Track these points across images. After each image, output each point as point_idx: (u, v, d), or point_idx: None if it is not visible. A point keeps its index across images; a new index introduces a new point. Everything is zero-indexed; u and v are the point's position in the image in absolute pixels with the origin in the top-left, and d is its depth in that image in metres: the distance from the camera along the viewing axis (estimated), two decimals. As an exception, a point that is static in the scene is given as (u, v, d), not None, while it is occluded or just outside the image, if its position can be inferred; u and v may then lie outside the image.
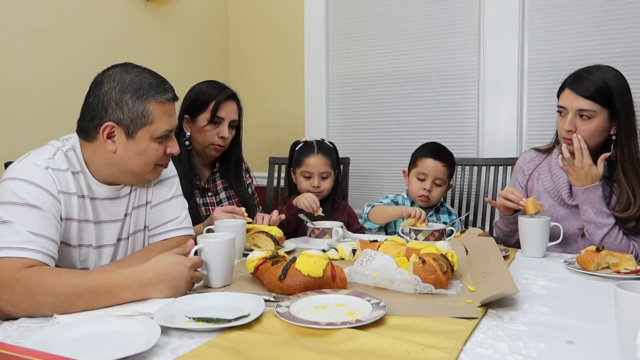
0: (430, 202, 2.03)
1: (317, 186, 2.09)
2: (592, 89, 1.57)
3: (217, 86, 1.93)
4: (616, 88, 1.57)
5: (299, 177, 2.14)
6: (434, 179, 2.01)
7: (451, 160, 2.07)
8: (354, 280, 1.21)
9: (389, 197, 2.10)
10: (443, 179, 2.02)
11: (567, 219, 1.68)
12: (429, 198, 2.01)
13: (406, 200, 2.08)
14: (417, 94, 2.70)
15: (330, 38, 2.92)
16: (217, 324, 0.92)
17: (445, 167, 2.03)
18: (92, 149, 1.24)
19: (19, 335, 0.91)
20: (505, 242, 1.84)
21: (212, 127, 1.88)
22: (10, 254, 1.04)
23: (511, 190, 1.67)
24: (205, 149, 1.91)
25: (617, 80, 1.59)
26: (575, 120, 1.61)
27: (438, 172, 2.01)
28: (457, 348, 0.83)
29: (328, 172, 2.12)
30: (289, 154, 2.23)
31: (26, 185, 1.12)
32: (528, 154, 1.88)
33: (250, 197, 2.09)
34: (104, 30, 2.36)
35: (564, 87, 1.66)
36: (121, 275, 1.06)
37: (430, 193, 2.01)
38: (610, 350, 0.83)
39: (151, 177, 1.33)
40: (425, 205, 2.04)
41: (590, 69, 1.64)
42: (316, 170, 2.10)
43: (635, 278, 1.27)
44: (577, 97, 1.59)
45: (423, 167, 2.02)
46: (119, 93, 1.20)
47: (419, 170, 2.03)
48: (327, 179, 2.12)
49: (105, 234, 1.29)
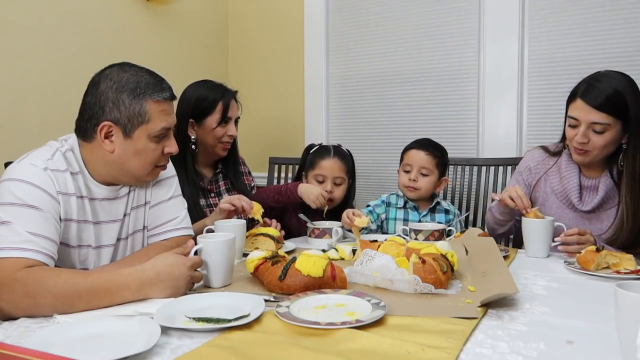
0: (419, 193, 2.00)
1: (329, 191, 1.99)
2: (606, 101, 1.53)
3: (217, 87, 1.93)
4: (630, 97, 1.54)
5: (311, 181, 2.06)
6: (419, 169, 1.99)
7: (438, 151, 2.04)
8: (354, 280, 1.22)
9: (382, 198, 2.09)
10: (429, 167, 1.99)
11: (575, 224, 1.65)
12: (416, 188, 1.99)
13: (400, 198, 2.07)
14: (417, 94, 2.70)
15: (330, 38, 2.92)
16: (217, 324, 0.92)
17: (430, 156, 2.00)
18: (90, 149, 1.24)
19: (19, 335, 0.91)
20: (493, 230, 1.83)
21: (222, 128, 1.91)
22: (10, 254, 1.04)
23: (521, 196, 1.63)
24: (214, 148, 1.93)
25: (630, 88, 1.56)
26: (588, 133, 1.57)
27: (422, 162, 1.99)
28: (457, 348, 0.83)
29: (342, 177, 2.05)
30: (302, 157, 2.18)
31: (25, 186, 1.12)
32: (536, 152, 1.85)
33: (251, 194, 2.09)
34: (104, 30, 2.36)
35: (575, 97, 1.61)
36: (121, 275, 1.06)
37: (416, 183, 1.99)
38: (610, 350, 0.83)
39: (149, 178, 1.33)
40: (415, 196, 2.01)
41: (601, 77, 1.60)
42: (330, 174, 2.03)
43: (635, 278, 1.27)
44: (590, 110, 1.55)
45: (407, 159, 2.03)
46: (115, 92, 1.20)
47: (404, 162, 2.04)
48: (340, 185, 2.05)
49: (105, 234, 1.29)
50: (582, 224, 1.65)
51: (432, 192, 2.06)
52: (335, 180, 2.03)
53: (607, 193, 1.65)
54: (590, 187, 1.68)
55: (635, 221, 1.57)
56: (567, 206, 1.72)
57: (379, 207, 2.05)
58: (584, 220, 1.67)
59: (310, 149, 2.15)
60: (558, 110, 2.03)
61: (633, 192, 1.57)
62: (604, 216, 1.67)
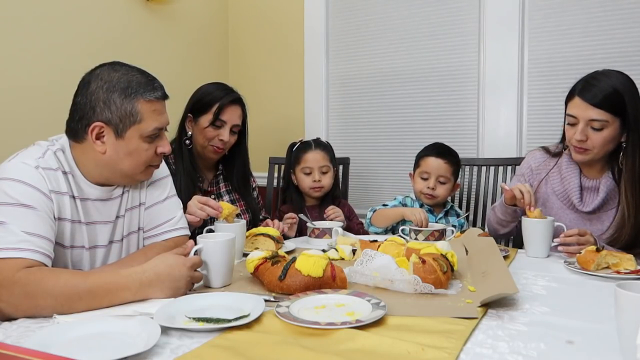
0: (436, 200, 2.02)
1: (318, 180, 2.11)
2: (604, 97, 1.54)
3: (224, 89, 1.91)
4: (628, 95, 1.54)
5: (299, 175, 2.16)
6: (437, 177, 2.01)
7: (455, 158, 2.07)
8: (354, 280, 1.21)
9: (398, 199, 2.09)
10: (446, 176, 2.02)
11: (576, 224, 1.65)
12: (434, 196, 2.01)
13: (415, 202, 2.07)
14: (417, 94, 2.70)
15: (330, 38, 2.92)
16: (217, 324, 0.92)
17: (448, 164, 2.02)
18: (81, 150, 1.23)
19: (19, 335, 0.91)
20: (495, 230, 1.83)
21: (213, 130, 1.87)
22: (7, 254, 1.03)
23: (530, 192, 1.62)
24: (204, 149, 1.90)
25: (628, 86, 1.56)
26: (586, 130, 1.57)
27: (441, 170, 2.01)
28: (457, 348, 0.83)
29: (327, 166, 2.15)
30: (287, 156, 2.26)
31: (17, 185, 1.11)
32: (538, 153, 1.85)
33: (256, 203, 2.08)
34: (103, 30, 2.36)
35: (573, 95, 1.61)
36: (121, 276, 1.06)
37: (434, 191, 2.01)
38: (610, 350, 0.83)
39: (142, 177, 1.31)
40: (432, 203, 2.04)
41: (599, 75, 1.60)
42: (316, 165, 2.13)
43: (635, 278, 1.27)
44: (588, 107, 1.55)
45: (426, 166, 2.03)
46: (106, 92, 1.19)
47: (422, 170, 2.04)
48: (327, 173, 2.15)
49: (98, 235, 1.28)
50: (583, 225, 1.64)
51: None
52: (321, 170, 2.14)
53: (608, 194, 1.64)
54: (591, 187, 1.68)
55: (636, 218, 1.56)
56: (568, 207, 1.71)
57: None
58: (584, 221, 1.67)
59: (292, 147, 2.24)
60: (558, 110, 2.03)
61: (633, 189, 1.57)
62: (604, 217, 1.67)
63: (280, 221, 1.88)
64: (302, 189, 2.16)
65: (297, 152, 2.19)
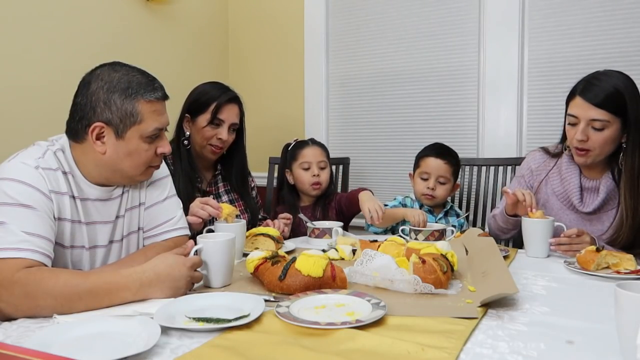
0: (436, 200, 2.03)
1: (317, 174, 2.12)
2: (606, 97, 1.53)
3: (220, 88, 1.91)
4: (629, 95, 1.54)
5: (297, 171, 2.15)
6: (437, 177, 2.01)
7: (455, 159, 2.07)
8: (354, 280, 1.21)
9: (398, 199, 2.09)
10: (446, 176, 2.02)
11: (576, 225, 1.64)
12: (434, 196, 2.01)
13: (415, 202, 2.07)
14: (417, 94, 2.70)
15: (330, 38, 2.92)
16: (217, 324, 0.92)
17: (448, 165, 2.02)
18: (81, 150, 1.23)
19: (19, 335, 0.91)
20: (497, 236, 1.83)
21: (212, 129, 1.86)
22: (7, 254, 1.03)
23: (530, 194, 1.63)
24: (202, 149, 1.90)
25: (629, 86, 1.56)
26: (587, 130, 1.57)
27: (441, 170, 2.01)
28: (457, 348, 0.83)
29: (325, 161, 2.16)
30: (282, 156, 2.26)
31: (17, 185, 1.11)
32: (537, 154, 1.85)
33: (255, 203, 2.08)
34: (104, 30, 2.36)
35: (574, 95, 1.61)
36: (121, 276, 1.06)
37: (434, 191, 2.01)
38: (610, 350, 0.83)
39: (143, 178, 1.31)
40: (432, 204, 2.04)
41: (600, 75, 1.60)
42: (314, 160, 2.13)
43: (635, 278, 1.27)
44: (589, 107, 1.55)
45: (425, 167, 2.03)
46: (107, 92, 1.19)
47: (422, 170, 2.04)
48: (324, 169, 2.16)
49: (98, 235, 1.28)
50: (583, 226, 1.64)
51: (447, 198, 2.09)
52: (319, 165, 2.15)
53: (608, 194, 1.64)
54: (591, 188, 1.68)
55: (635, 219, 1.56)
56: (568, 207, 1.71)
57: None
58: (584, 222, 1.67)
59: (287, 146, 2.25)
60: (558, 110, 2.03)
61: (633, 190, 1.57)
62: (605, 217, 1.67)
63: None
64: (301, 186, 2.15)
65: (293, 149, 2.19)
